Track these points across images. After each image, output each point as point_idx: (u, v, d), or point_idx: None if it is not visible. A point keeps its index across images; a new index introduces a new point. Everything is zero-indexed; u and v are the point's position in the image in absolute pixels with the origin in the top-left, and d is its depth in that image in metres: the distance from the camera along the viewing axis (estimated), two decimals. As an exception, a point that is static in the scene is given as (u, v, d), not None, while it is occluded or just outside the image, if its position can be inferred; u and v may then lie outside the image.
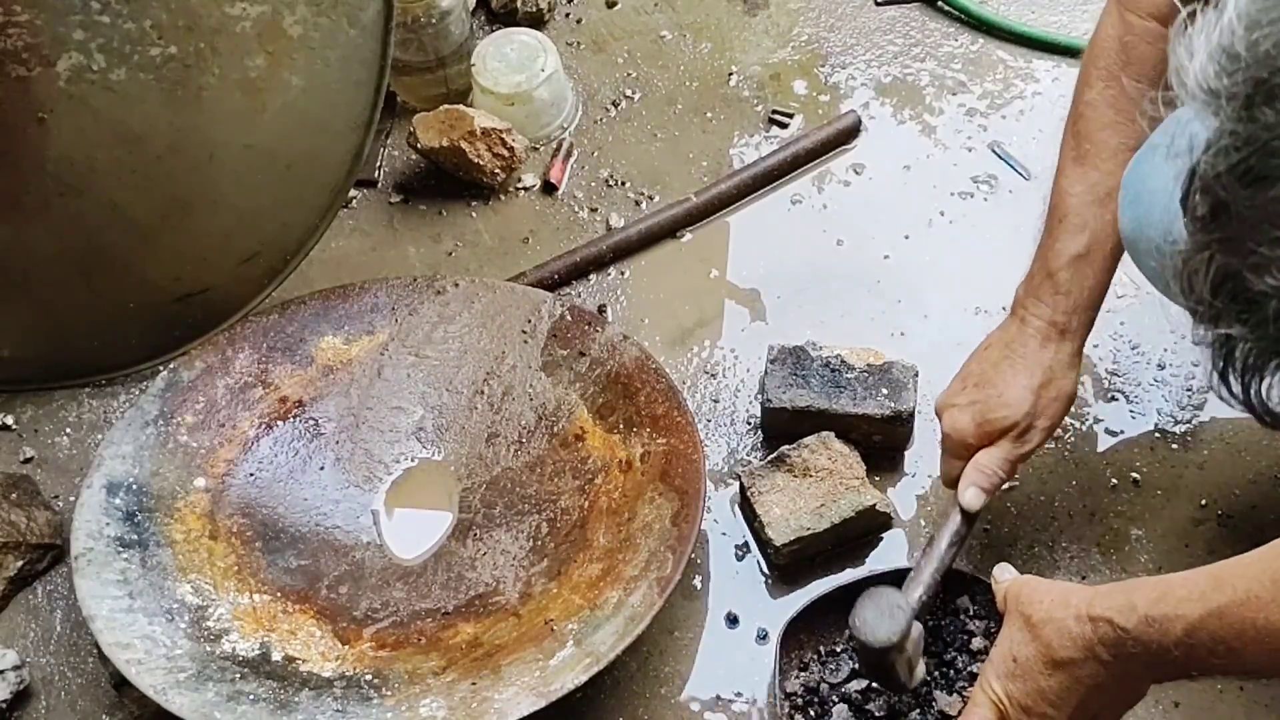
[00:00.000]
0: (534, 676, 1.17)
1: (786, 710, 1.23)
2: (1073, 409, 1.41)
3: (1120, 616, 1.02)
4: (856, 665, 1.24)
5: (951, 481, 1.25)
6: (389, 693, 1.20)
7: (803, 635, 1.27)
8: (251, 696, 1.18)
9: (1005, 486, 1.27)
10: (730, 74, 1.73)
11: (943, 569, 1.20)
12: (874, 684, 1.23)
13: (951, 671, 1.24)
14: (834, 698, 1.23)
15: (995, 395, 1.21)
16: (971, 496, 1.21)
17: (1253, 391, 0.76)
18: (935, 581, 1.19)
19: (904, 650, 1.15)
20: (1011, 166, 1.62)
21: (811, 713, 1.23)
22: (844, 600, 1.20)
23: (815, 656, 1.27)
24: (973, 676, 1.23)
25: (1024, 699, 1.08)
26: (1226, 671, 1.01)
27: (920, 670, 1.18)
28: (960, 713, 1.12)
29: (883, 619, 1.13)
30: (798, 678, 1.25)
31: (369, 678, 1.22)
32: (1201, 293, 0.75)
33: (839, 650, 1.26)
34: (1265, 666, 0.96)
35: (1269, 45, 0.70)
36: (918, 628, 1.16)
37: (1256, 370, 0.75)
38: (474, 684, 1.18)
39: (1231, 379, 0.77)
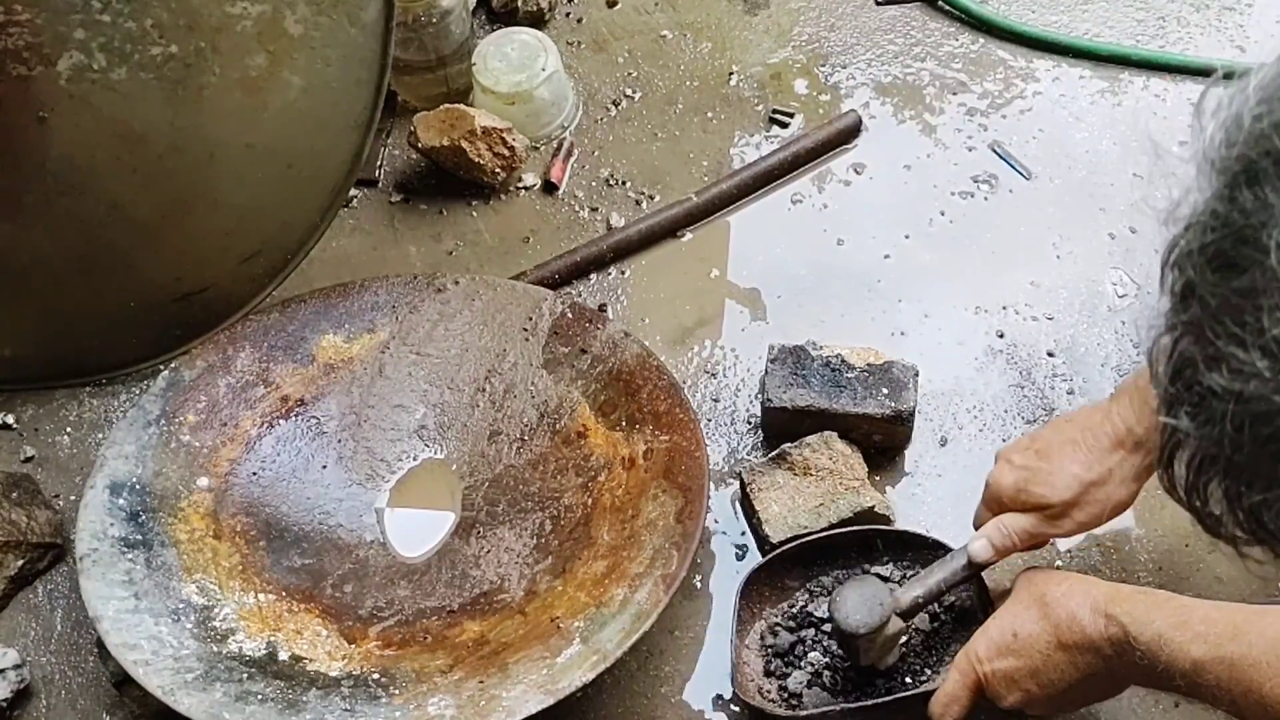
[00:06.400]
0: (541, 674, 1.17)
1: (748, 659, 1.26)
2: (1070, 405, 1.42)
3: (1135, 627, 1.04)
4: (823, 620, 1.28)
5: (978, 526, 1.25)
6: (397, 691, 1.20)
7: (765, 589, 1.29)
8: (259, 696, 1.18)
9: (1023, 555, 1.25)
10: (731, 73, 1.74)
11: (931, 598, 1.21)
12: (821, 604, 1.28)
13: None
14: (800, 648, 1.26)
15: (1045, 471, 1.17)
16: (979, 548, 1.20)
17: (1196, 494, 0.71)
18: (921, 603, 1.21)
19: (874, 642, 1.18)
20: (1012, 166, 1.62)
21: (775, 664, 1.26)
22: (802, 556, 1.29)
23: (775, 609, 1.29)
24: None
25: (1012, 673, 1.11)
26: (1226, 712, 1.02)
27: (891, 659, 1.22)
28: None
29: (861, 608, 1.17)
30: (759, 627, 1.28)
31: (376, 676, 1.22)
32: (1160, 376, 0.71)
33: (800, 604, 1.29)
34: None
35: (1267, 124, 0.65)
36: (897, 623, 1.19)
37: (1200, 473, 0.70)
38: (481, 682, 1.18)
39: (1175, 474, 0.72)
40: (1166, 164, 0.71)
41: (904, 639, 1.23)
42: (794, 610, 1.28)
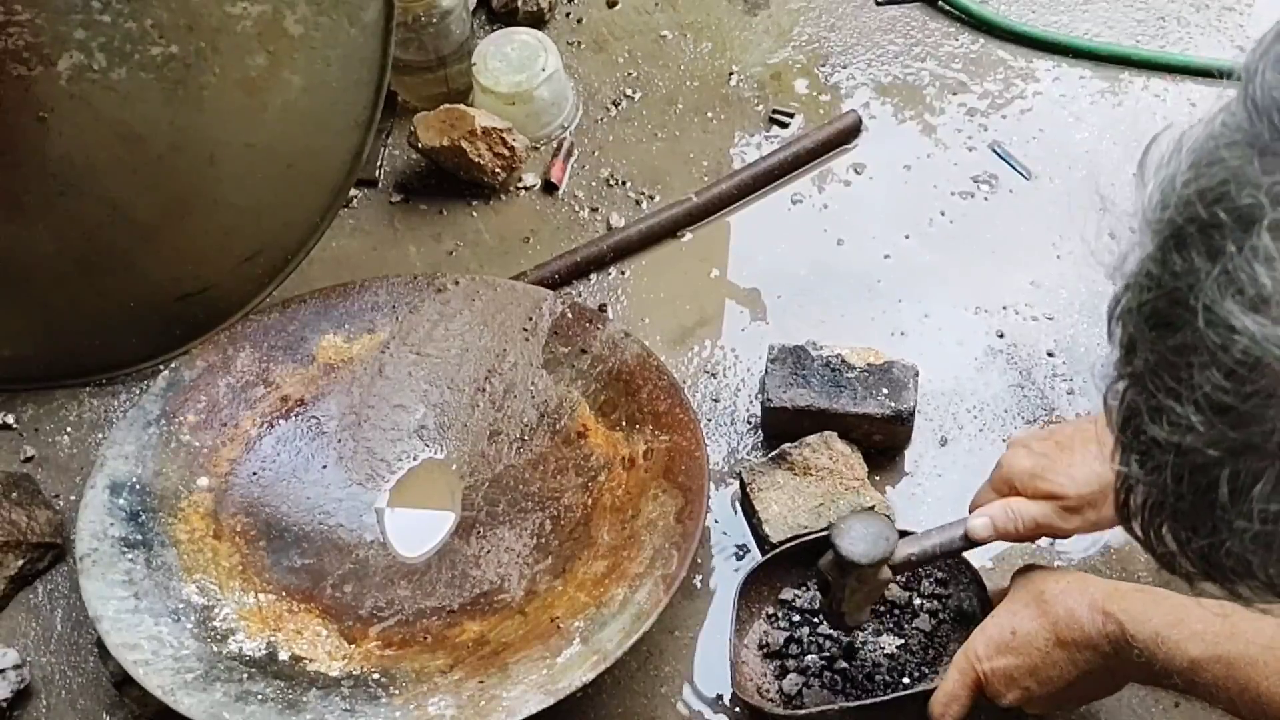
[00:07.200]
0: (541, 674, 1.17)
1: (746, 658, 1.26)
2: (1069, 405, 1.42)
3: (1133, 624, 1.04)
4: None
5: (975, 507, 1.22)
6: (397, 692, 1.20)
7: (764, 589, 1.29)
8: (259, 696, 1.18)
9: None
10: (731, 74, 1.73)
11: (923, 560, 1.20)
12: (818, 600, 1.25)
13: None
14: (796, 648, 1.26)
15: (1065, 463, 1.15)
16: (979, 525, 1.17)
17: (1151, 535, 0.73)
18: (913, 562, 1.20)
19: (863, 582, 1.16)
20: (1012, 166, 1.62)
21: (774, 664, 1.26)
22: (801, 556, 1.27)
23: (775, 608, 1.29)
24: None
25: (1011, 671, 1.11)
26: (1223, 710, 1.02)
27: (863, 616, 1.20)
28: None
29: (865, 539, 1.15)
30: (758, 627, 1.28)
31: (376, 677, 1.22)
32: (1113, 422, 0.72)
33: (795, 602, 1.29)
34: None
35: (1193, 190, 0.66)
36: (885, 573, 1.17)
37: (1152, 516, 0.72)
38: (481, 682, 1.18)
39: (1130, 517, 0.74)
40: (1114, 217, 0.72)
41: (877, 603, 1.23)
42: (793, 610, 1.28)
